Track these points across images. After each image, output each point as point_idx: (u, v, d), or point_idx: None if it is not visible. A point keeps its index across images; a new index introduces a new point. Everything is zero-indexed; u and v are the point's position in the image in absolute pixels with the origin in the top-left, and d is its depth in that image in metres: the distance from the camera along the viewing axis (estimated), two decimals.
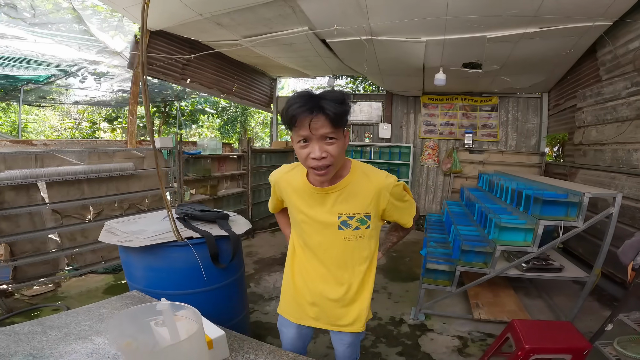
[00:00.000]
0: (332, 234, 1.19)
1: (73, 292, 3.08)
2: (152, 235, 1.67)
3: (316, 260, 1.26)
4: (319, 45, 4.27)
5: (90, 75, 6.45)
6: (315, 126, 0.98)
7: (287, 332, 1.37)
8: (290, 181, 1.24)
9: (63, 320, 1.22)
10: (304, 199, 1.20)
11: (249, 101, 6.48)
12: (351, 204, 1.16)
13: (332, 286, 1.26)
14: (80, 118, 9.82)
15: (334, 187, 1.15)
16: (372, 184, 1.15)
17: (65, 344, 1.07)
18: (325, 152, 1.02)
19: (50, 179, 2.70)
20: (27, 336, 1.12)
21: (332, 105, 0.97)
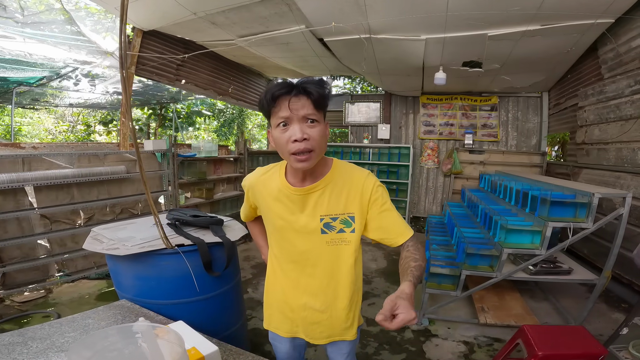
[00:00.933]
0: (315, 240, 1.10)
1: (64, 298, 2.98)
2: (141, 243, 1.57)
3: (300, 270, 1.16)
4: (316, 44, 4.19)
5: (84, 77, 6.35)
6: (296, 106, 0.93)
7: (281, 346, 1.30)
8: (267, 184, 1.14)
9: (46, 331, 1.15)
10: (283, 202, 1.11)
11: (245, 102, 6.39)
12: (333, 204, 1.08)
13: (319, 297, 1.17)
14: (75, 121, 9.71)
15: (315, 186, 1.07)
16: (355, 181, 1.08)
17: (46, 356, 1.02)
18: (307, 135, 0.94)
19: (38, 183, 2.59)
20: (7, 347, 1.06)
21: (312, 85, 0.94)
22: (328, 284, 1.16)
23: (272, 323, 1.29)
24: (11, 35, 3.78)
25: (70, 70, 5.47)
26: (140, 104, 9.28)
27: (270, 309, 1.28)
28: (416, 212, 6.11)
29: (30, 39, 3.88)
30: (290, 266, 1.18)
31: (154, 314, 1.36)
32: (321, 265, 1.13)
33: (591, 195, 2.05)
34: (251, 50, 4.65)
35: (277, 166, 1.16)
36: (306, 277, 1.16)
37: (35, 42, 3.91)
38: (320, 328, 1.20)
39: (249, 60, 5.48)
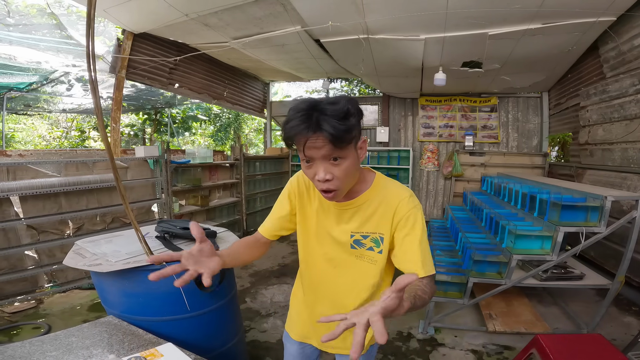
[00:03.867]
0: (344, 251, 1.09)
1: (56, 309, 2.86)
2: (126, 258, 1.46)
3: (324, 277, 1.15)
4: (312, 45, 4.11)
5: (77, 82, 6.25)
6: (315, 147, 0.84)
7: (290, 347, 1.30)
8: (310, 188, 1.13)
9: (26, 350, 1.09)
10: (319, 211, 1.11)
11: (241, 107, 6.30)
12: (366, 222, 1.04)
13: (337, 306, 1.14)
14: (69, 127, 9.58)
15: (351, 204, 1.04)
16: (391, 199, 1.01)
17: None
18: (330, 174, 0.88)
19: (23, 192, 2.47)
20: None
21: (332, 122, 0.81)
22: (348, 295, 1.13)
23: (289, 323, 1.31)
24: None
25: (60, 75, 5.37)
26: (134, 109, 9.17)
27: (292, 310, 1.31)
28: None
29: (18, 43, 3.77)
30: (316, 271, 1.17)
31: (143, 332, 1.28)
32: (345, 276, 1.12)
33: (603, 198, 1.96)
34: (246, 52, 4.56)
35: None
36: (329, 285, 1.15)
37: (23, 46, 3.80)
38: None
39: (244, 63, 5.40)
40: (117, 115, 3.83)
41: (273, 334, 2.60)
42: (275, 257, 4.28)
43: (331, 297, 1.16)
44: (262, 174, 5.13)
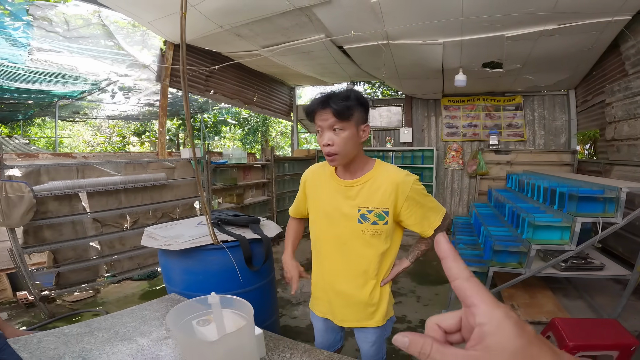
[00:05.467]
0: (351, 226, 1.26)
1: (111, 297, 3.21)
2: (190, 239, 1.74)
3: (335, 254, 1.32)
4: (336, 52, 4.32)
5: (119, 90, 6.78)
6: (323, 117, 1.17)
7: (317, 324, 1.46)
8: (320, 175, 1.37)
9: (109, 322, 1.29)
10: (329, 191, 1.32)
11: (269, 110, 6.60)
12: (371, 198, 1.24)
13: (350, 280, 1.31)
14: (111, 132, 10.33)
15: (357, 181, 1.26)
16: (392, 179, 1.23)
17: (111, 344, 1.13)
18: (331, 140, 1.17)
19: (91, 189, 2.86)
20: (76, 337, 1.17)
21: (335, 100, 1.14)
22: (358, 268, 1.29)
23: (312, 302, 1.47)
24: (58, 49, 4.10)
25: (109, 83, 5.87)
26: (169, 114, 9.76)
27: (313, 289, 1.45)
28: None
29: (77, 53, 4.18)
30: (328, 249, 1.34)
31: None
32: (355, 251, 1.28)
33: (619, 190, 2.05)
34: (274, 59, 4.83)
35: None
36: (340, 261, 1.31)
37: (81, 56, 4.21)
38: (348, 310, 1.34)
39: (272, 69, 5.69)
40: (163, 120, 4.22)
41: (303, 320, 2.82)
42: (303, 252, 4.52)
43: (345, 272, 1.31)
44: (290, 174, 5.41)
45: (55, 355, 1.05)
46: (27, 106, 6.87)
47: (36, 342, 1.13)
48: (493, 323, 0.27)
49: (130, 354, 1.06)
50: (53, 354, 1.05)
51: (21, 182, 2.47)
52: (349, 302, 1.32)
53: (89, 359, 1.04)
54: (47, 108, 7.39)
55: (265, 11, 3.20)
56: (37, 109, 7.40)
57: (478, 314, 0.28)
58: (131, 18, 3.98)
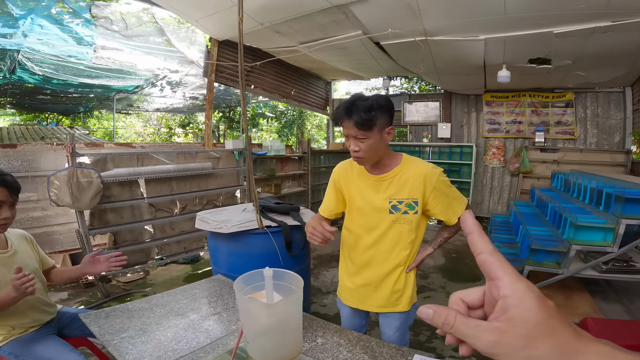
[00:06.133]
0: (383, 217, 1.34)
1: (159, 279, 3.48)
2: (237, 224, 1.92)
3: (365, 244, 1.39)
4: (372, 48, 4.33)
5: (167, 85, 7.25)
6: (347, 126, 1.24)
7: (343, 310, 1.55)
8: (349, 171, 1.44)
9: (165, 299, 1.44)
10: (360, 186, 1.40)
11: (306, 104, 6.75)
12: (400, 190, 1.32)
13: (378, 268, 1.39)
14: (159, 124, 11.07)
15: (386, 176, 1.34)
16: (419, 172, 1.31)
17: (167, 319, 1.27)
18: (358, 147, 1.24)
19: (148, 176, 3.16)
20: (138, 312, 1.32)
21: (358, 113, 1.19)
22: (387, 257, 1.38)
23: (340, 289, 1.55)
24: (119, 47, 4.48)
25: (161, 78, 6.31)
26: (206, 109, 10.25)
27: (341, 278, 1.53)
28: (479, 211, 5.92)
29: (135, 50, 4.56)
30: (360, 239, 1.41)
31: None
32: (385, 240, 1.36)
33: None
34: (311, 55, 4.93)
35: None
36: (371, 250, 1.39)
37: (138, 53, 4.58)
38: (375, 296, 1.42)
39: (309, 64, 5.80)
40: (209, 113, 4.50)
41: (332, 308, 2.93)
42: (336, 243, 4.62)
43: (375, 260, 1.39)
44: (325, 167, 5.54)
45: (121, 328, 1.20)
46: (87, 100, 7.56)
47: (104, 316, 1.30)
48: (516, 295, 0.28)
49: (183, 328, 1.20)
50: (119, 327, 1.20)
51: (90, 168, 2.80)
52: (376, 288, 1.41)
53: (148, 331, 1.18)
54: (105, 101, 8.09)
55: (304, 9, 3.29)
56: (96, 102, 8.12)
57: (502, 286, 0.29)
58: (179, 15, 4.25)
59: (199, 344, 1.12)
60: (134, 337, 1.15)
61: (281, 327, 0.93)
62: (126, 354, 1.05)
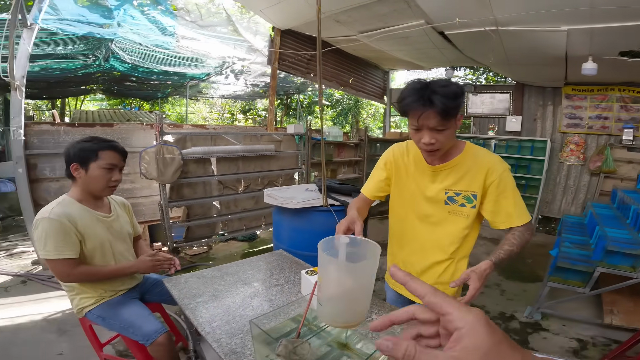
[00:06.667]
0: (437, 208, 1.26)
1: (220, 254, 3.74)
2: (303, 201, 2.06)
3: (415, 233, 1.32)
4: (436, 37, 4.16)
5: (231, 73, 7.68)
6: (425, 120, 1.07)
7: (390, 294, 1.54)
8: (404, 156, 1.33)
9: (234, 269, 1.57)
10: (414, 174, 1.29)
11: (364, 93, 6.74)
12: (459, 181, 1.21)
13: (425, 259, 1.32)
14: (222, 110, 11.83)
15: (445, 165, 1.23)
16: (482, 163, 1.19)
17: (236, 287, 1.38)
18: (434, 139, 1.10)
19: (219, 155, 3.47)
20: (211, 280, 1.45)
21: (443, 100, 1.02)
22: (435, 248, 1.29)
23: (387, 275, 1.53)
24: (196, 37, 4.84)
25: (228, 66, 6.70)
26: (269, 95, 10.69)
27: (388, 263, 1.51)
28: (548, 211, 5.46)
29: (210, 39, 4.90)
30: (410, 229, 1.34)
31: (302, 262, 1.70)
32: (437, 231, 1.28)
33: None
34: (370, 44, 4.88)
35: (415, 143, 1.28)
36: (420, 240, 1.32)
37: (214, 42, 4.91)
38: None
39: (367, 53, 5.75)
40: (272, 99, 4.75)
41: (379, 294, 2.99)
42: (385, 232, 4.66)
43: (421, 252, 1.32)
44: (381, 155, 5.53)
45: (197, 293, 1.32)
46: (165, 86, 8.33)
47: (183, 281, 1.44)
48: (468, 326, 0.30)
49: (249, 296, 1.32)
50: (195, 292, 1.33)
51: (173, 146, 3.15)
52: (422, 279, 1.37)
53: (219, 297, 1.29)
54: (179, 88, 8.85)
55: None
56: (171, 89, 8.92)
57: (454, 320, 0.31)
58: (245, 5, 4.47)
59: (263, 311, 1.20)
60: (207, 302, 1.26)
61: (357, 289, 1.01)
62: (200, 317, 1.15)
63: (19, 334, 2.20)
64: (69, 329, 2.25)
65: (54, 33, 3.57)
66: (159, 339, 1.43)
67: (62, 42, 4.25)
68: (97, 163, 1.44)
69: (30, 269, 3.22)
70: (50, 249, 1.35)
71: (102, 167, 1.45)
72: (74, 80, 6.71)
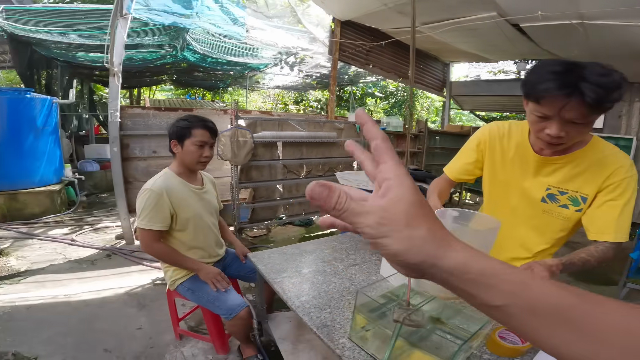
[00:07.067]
0: (530, 204, 1.11)
1: (278, 237, 3.88)
2: None
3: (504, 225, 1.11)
4: (509, 29, 3.97)
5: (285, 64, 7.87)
6: (567, 111, 0.86)
7: None
8: (504, 141, 1.16)
9: (311, 247, 1.64)
10: (515, 160, 1.12)
11: (422, 85, 6.62)
12: (571, 180, 1.03)
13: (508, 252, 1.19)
14: (275, 100, 12.23)
15: (559, 159, 1.03)
16: (608, 163, 0.99)
17: (316, 264, 1.44)
18: (565, 133, 0.90)
19: (286, 140, 3.65)
20: (292, 257, 1.52)
21: (598, 92, 0.80)
22: (521, 245, 1.17)
23: None
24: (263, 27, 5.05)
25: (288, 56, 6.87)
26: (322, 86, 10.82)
27: None
28: None
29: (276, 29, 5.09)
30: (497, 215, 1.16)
31: None
32: (525, 228, 1.15)
33: None
34: (433, 36, 4.75)
35: (520, 125, 1.15)
36: (508, 234, 1.12)
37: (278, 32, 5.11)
38: None
39: (427, 45, 5.64)
40: (333, 89, 4.86)
41: None
42: None
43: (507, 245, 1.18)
44: (440, 148, 5.42)
45: (281, 268, 1.40)
46: (227, 77, 8.78)
47: (266, 257, 1.51)
48: (397, 178, 0.30)
49: (330, 273, 1.36)
50: (279, 267, 1.40)
51: (246, 129, 3.38)
52: None
53: (303, 273, 1.35)
54: (239, 79, 9.27)
55: None
56: (232, 80, 9.38)
57: (386, 170, 0.31)
58: None
59: (345, 288, 1.25)
60: (292, 277, 1.32)
61: None
62: (288, 291, 1.22)
63: (104, 307, 2.33)
64: (147, 304, 2.40)
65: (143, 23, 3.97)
66: (241, 313, 1.54)
67: (148, 33, 4.69)
68: (191, 140, 1.57)
69: (114, 243, 3.54)
70: (143, 218, 1.51)
71: (195, 144, 1.57)
72: (151, 70, 7.34)
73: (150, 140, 3.59)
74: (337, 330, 1.00)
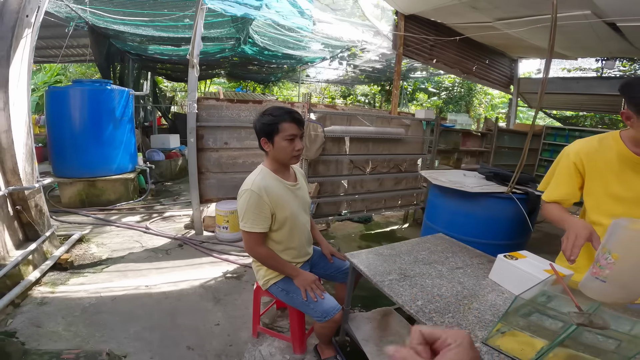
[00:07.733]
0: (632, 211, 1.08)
1: (339, 233, 3.85)
2: (478, 186, 2.01)
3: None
4: (601, 28, 3.61)
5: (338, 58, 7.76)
6: None
7: None
8: (599, 152, 1.15)
9: (406, 248, 1.60)
10: (620, 169, 1.11)
11: (487, 81, 6.30)
12: None
13: None
14: (322, 94, 12.22)
15: None
16: None
17: (418, 267, 1.40)
18: None
19: (354, 135, 3.59)
20: (389, 257, 1.47)
21: None
22: None
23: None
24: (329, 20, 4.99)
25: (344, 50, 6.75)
26: (372, 80, 10.59)
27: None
28: None
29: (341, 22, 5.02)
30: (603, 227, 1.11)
31: (469, 247, 1.65)
32: None
33: None
34: (505, 31, 4.45)
35: (607, 138, 1.15)
36: None
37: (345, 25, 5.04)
38: None
39: (495, 40, 5.34)
40: (397, 84, 4.73)
41: None
42: None
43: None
44: (508, 147, 5.11)
45: (384, 270, 1.35)
46: (279, 70, 8.86)
47: (364, 257, 1.47)
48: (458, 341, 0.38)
49: (437, 276, 1.31)
50: (382, 269, 1.36)
51: (318, 123, 3.35)
52: None
53: (409, 276, 1.31)
54: (289, 72, 9.34)
55: None
56: (282, 73, 9.46)
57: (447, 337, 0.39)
58: None
59: (458, 292, 1.20)
60: (399, 280, 1.27)
61: None
62: (401, 294, 1.18)
63: (182, 300, 2.33)
64: (222, 298, 2.38)
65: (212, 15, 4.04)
66: (336, 316, 1.49)
67: (215, 25, 4.81)
68: (280, 135, 1.49)
69: (184, 232, 3.58)
70: (247, 221, 1.49)
71: (285, 139, 1.49)
72: (210, 63, 7.57)
73: (222, 131, 3.68)
74: None
